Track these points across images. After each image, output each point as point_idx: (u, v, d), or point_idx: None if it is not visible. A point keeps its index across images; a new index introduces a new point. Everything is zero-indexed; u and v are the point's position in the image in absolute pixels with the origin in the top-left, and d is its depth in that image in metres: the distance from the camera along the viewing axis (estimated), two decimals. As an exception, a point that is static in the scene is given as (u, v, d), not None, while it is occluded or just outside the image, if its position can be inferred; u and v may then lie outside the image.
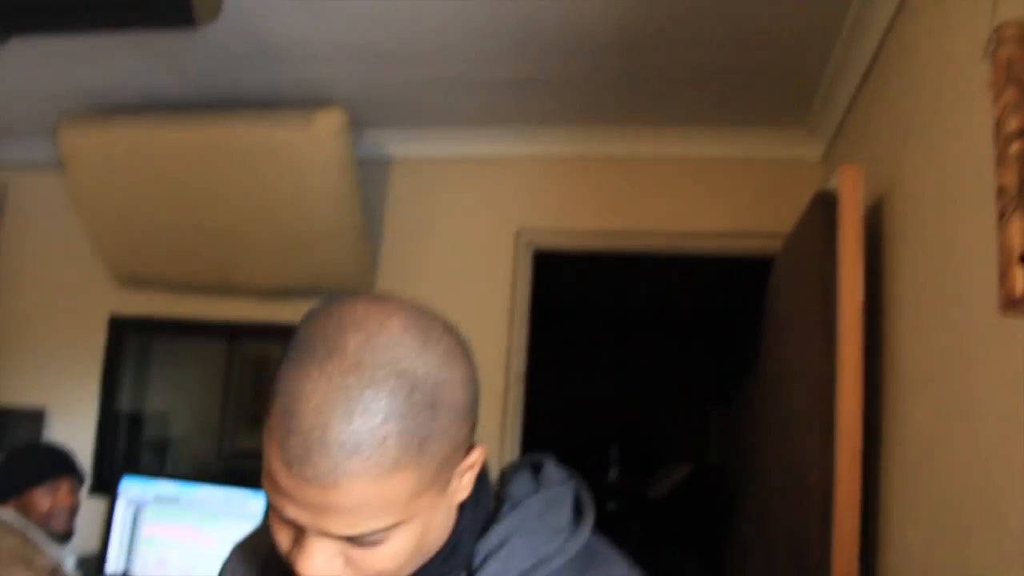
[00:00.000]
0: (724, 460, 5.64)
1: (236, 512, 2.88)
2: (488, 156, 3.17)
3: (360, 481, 0.71)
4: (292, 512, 0.74)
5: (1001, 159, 1.14)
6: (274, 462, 0.73)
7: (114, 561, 2.95)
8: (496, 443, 3.01)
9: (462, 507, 0.86)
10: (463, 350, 0.81)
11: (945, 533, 1.53)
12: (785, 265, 2.44)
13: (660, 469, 6.23)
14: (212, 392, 3.54)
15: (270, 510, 0.79)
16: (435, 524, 0.81)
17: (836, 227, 1.91)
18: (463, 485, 0.84)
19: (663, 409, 6.89)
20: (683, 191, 3.05)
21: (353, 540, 0.75)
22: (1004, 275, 1.12)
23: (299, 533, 0.77)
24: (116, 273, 3.38)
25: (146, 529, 2.96)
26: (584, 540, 0.87)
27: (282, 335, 3.31)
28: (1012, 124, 1.13)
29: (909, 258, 1.82)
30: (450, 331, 0.80)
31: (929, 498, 1.62)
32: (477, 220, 3.17)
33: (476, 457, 0.83)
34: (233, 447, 3.53)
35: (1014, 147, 1.12)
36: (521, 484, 0.92)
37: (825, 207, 1.96)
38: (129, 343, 3.53)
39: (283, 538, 0.78)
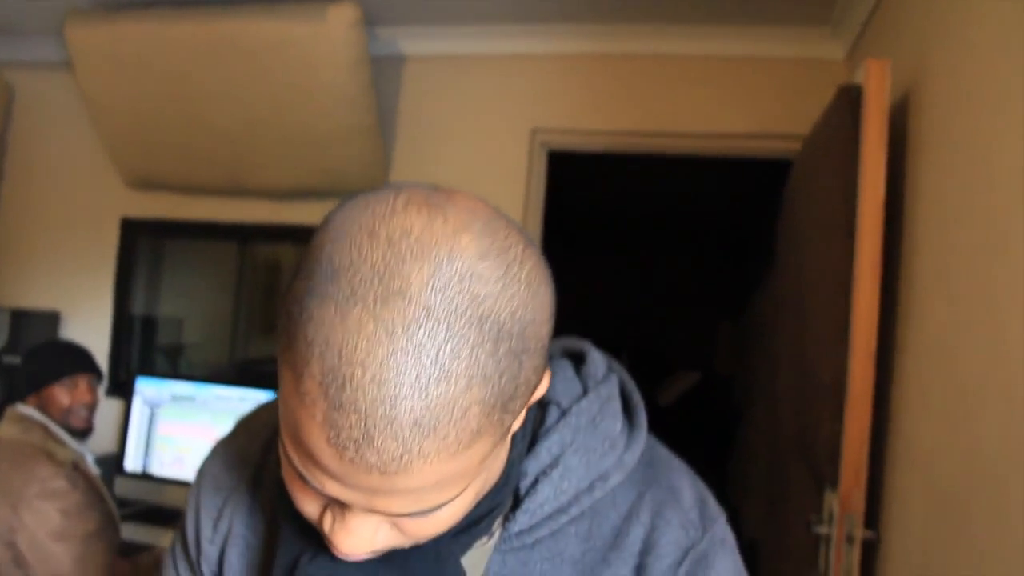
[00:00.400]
0: (731, 372, 5.68)
1: (252, 411, 2.92)
2: (503, 54, 3.10)
3: (435, 462, 0.56)
4: (335, 491, 0.58)
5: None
6: (313, 436, 0.56)
7: (132, 459, 3.01)
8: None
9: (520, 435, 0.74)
10: (544, 266, 0.62)
11: (957, 425, 1.54)
12: (805, 164, 2.40)
13: (668, 377, 6.29)
14: (224, 297, 3.56)
15: (292, 471, 0.62)
16: (495, 470, 0.69)
17: (860, 121, 1.87)
18: (523, 415, 0.70)
19: (673, 319, 6.92)
20: (701, 91, 2.98)
21: (411, 515, 0.61)
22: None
23: (338, 504, 0.62)
24: (127, 175, 3.36)
25: (162, 428, 3.02)
26: (641, 448, 0.77)
27: (294, 237, 3.30)
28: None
29: (934, 154, 1.79)
30: (527, 242, 0.62)
31: (943, 394, 1.63)
32: (492, 119, 3.12)
33: (542, 388, 0.68)
34: (245, 354, 3.56)
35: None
36: (566, 384, 0.79)
37: (850, 101, 1.91)
38: (141, 246, 3.53)
39: (311, 505, 0.64)
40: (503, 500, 0.73)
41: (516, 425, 0.68)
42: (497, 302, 0.56)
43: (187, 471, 2.94)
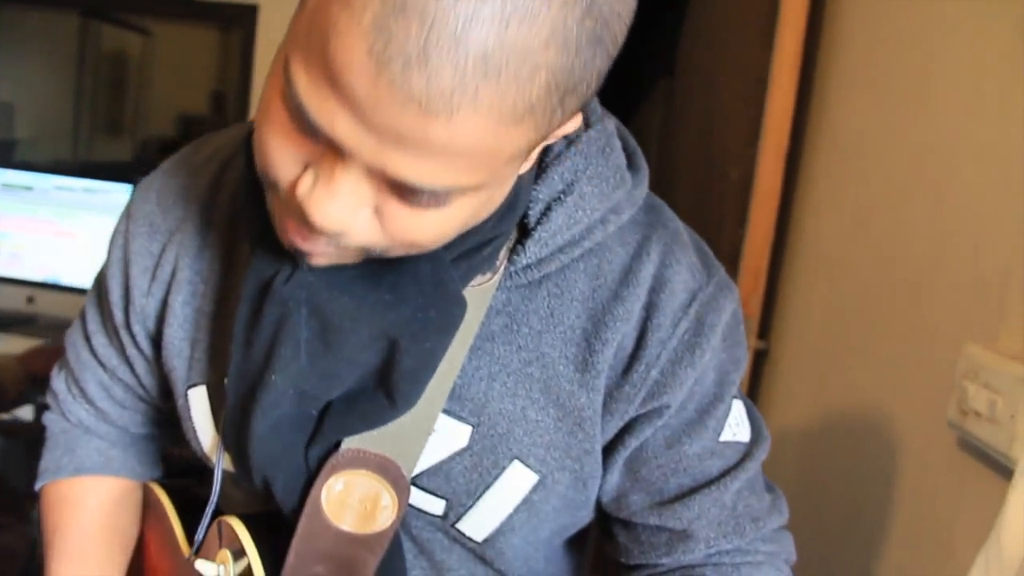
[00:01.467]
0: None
1: (100, 205, 2.62)
2: None
3: (481, 117, 0.46)
4: (344, 130, 0.48)
5: None
6: (348, 43, 0.45)
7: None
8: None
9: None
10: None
11: (870, 230, 1.49)
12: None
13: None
14: (64, 88, 3.15)
15: (282, 109, 0.51)
16: (500, 194, 0.59)
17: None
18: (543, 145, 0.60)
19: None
20: None
21: (405, 191, 0.51)
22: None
23: (327, 160, 0.51)
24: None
25: (-6, 222, 2.68)
26: (646, 186, 0.72)
27: (144, 7, 2.89)
28: None
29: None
30: None
31: (854, 197, 1.57)
32: None
33: (577, 120, 0.59)
34: (89, 156, 3.20)
35: None
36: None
37: None
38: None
39: (290, 161, 0.53)
40: (506, 229, 0.66)
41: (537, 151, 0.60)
42: (593, 25, 0.48)
43: (25, 270, 2.65)
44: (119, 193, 2.61)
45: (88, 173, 2.67)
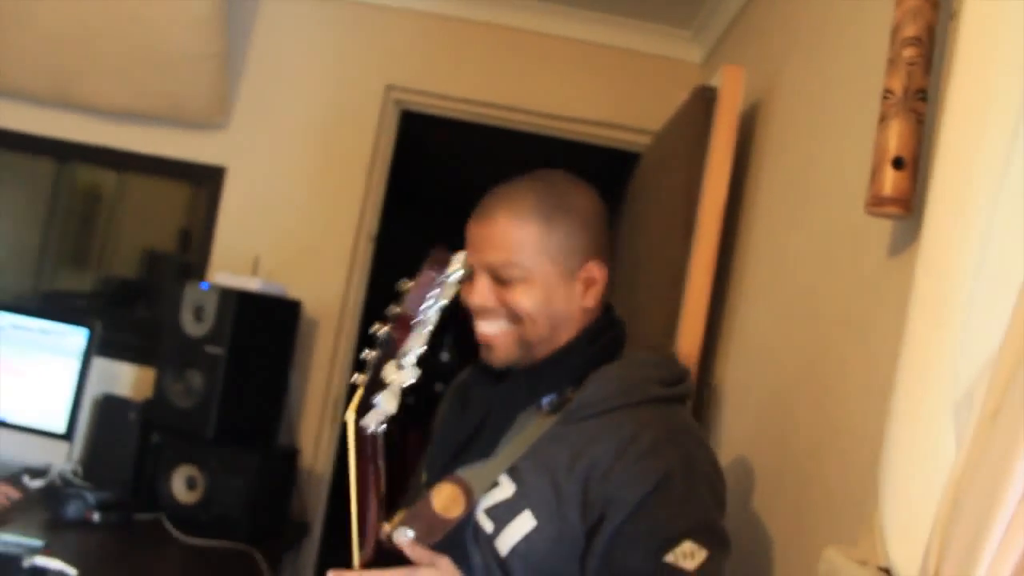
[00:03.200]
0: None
1: (55, 346, 2.70)
2: (367, 1, 2.99)
3: (503, 219, 1.18)
4: (468, 255, 1.19)
5: (892, 63, 1.16)
6: (469, 227, 1.22)
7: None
8: (340, 298, 2.98)
9: (591, 323, 1.25)
10: (597, 202, 1.27)
11: (766, 427, 1.63)
12: (653, 158, 2.46)
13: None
14: (33, 220, 3.26)
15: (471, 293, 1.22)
16: (557, 297, 1.20)
17: (712, 122, 1.93)
18: (587, 293, 1.22)
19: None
20: (559, 72, 3.00)
21: (497, 274, 1.18)
22: (875, 175, 1.15)
23: (471, 280, 1.20)
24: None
25: (-52, 356, 2.74)
26: (666, 394, 1.22)
27: (120, 164, 3.07)
28: (909, 30, 1.15)
29: (775, 162, 1.87)
30: (589, 192, 1.27)
31: (758, 398, 1.71)
32: (348, 67, 3.01)
33: (595, 269, 1.23)
34: (51, 286, 3.28)
35: (907, 52, 1.14)
36: (642, 352, 1.30)
37: (704, 102, 1.98)
38: (-60, 151, 3.18)
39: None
40: (562, 373, 1.22)
41: (583, 299, 1.23)
42: (558, 182, 1.25)
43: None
44: (73, 336, 2.69)
45: (46, 314, 2.75)
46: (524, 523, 1.16)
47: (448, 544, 1.17)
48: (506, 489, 1.18)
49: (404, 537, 1.15)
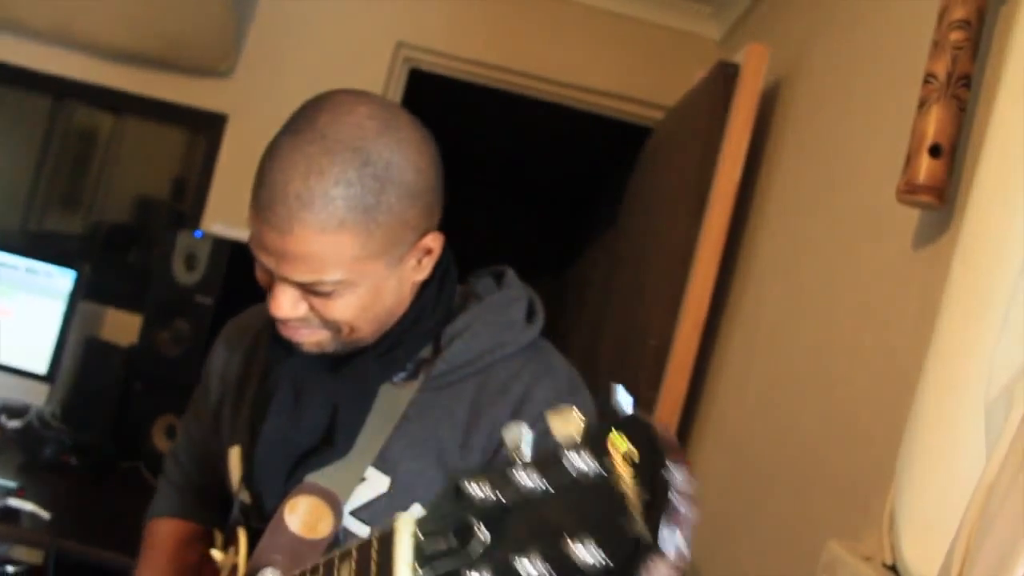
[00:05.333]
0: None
1: (41, 287, 2.63)
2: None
3: (310, 231, 0.85)
4: (262, 257, 0.89)
5: (937, 46, 1.11)
6: (251, 212, 0.89)
7: None
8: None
9: (424, 287, 1.02)
10: (423, 145, 0.93)
11: (768, 413, 1.59)
12: (666, 133, 2.41)
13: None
14: (27, 157, 3.18)
15: (257, 268, 0.93)
16: (386, 292, 0.95)
17: (731, 100, 1.88)
18: (420, 266, 0.98)
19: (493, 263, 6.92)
20: (574, 40, 2.93)
21: (308, 289, 0.90)
22: (911, 161, 1.11)
23: (274, 282, 0.92)
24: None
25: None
26: (534, 335, 1.04)
27: (117, 105, 2.99)
28: (958, 12, 1.10)
29: (796, 144, 1.82)
30: (415, 127, 0.93)
31: (759, 383, 1.68)
32: (359, 20, 2.93)
33: (430, 241, 0.96)
34: (40, 226, 3.21)
35: (954, 36, 1.09)
36: (485, 285, 1.08)
37: (725, 78, 1.92)
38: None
39: (268, 293, 0.93)
40: (414, 341, 1.01)
41: (417, 273, 0.98)
42: (370, 143, 0.87)
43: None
44: (61, 278, 2.63)
45: (34, 254, 2.69)
46: None
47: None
48: (377, 484, 1.00)
49: None
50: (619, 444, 0.51)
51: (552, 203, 6.66)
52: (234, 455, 1.12)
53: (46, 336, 2.58)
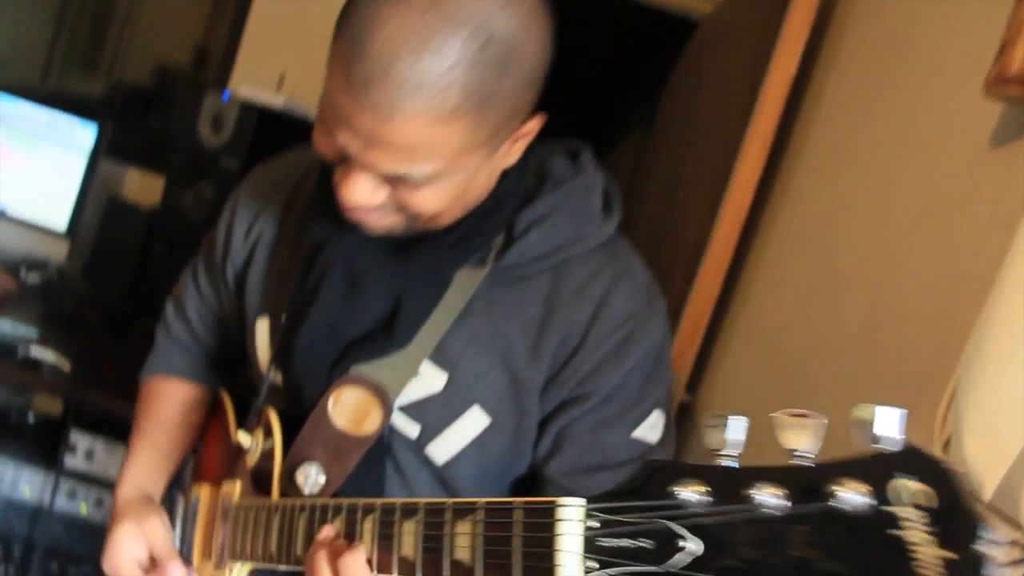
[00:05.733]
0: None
1: (61, 140, 2.58)
2: None
3: (415, 120, 0.72)
4: (344, 138, 0.76)
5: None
6: (336, 82, 0.75)
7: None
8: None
9: (505, 173, 0.90)
10: (546, 18, 0.80)
11: (808, 314, 1.56)
12: (717, 26, 2.31)
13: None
14: (45, 14, 3.08)
15: (321, 137, 0.81)
16: (477, 182, 0.86)
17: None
18: (513, 151, 0.87)
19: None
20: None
21: (393, 179, 0.78)
22: (1004, 50, 1.04)
23: (347, 164, 0.80)
24: None
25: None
26: (614, 228, 0.95)
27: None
28: None
29: (858, 36, 1.74)
30: (540, 29, 0.79)
31: (798, 279, 1.64)
32: None
33: (533, 126, 0.86)
34: (59, 84, 3.14)
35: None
36: (562, 166, 0.95)
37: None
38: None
39: (330, 154, 0.81)
40: (492, 229, 0.90)
41: (509, 158, 0.87)
42: (494, 18, 0.73)
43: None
44: (81, 131, 2.57)
45: (56, 104, 2.62)
46: (473, 423, 0.91)
47: (360, 465, 0.90)
48: (432, 380, 0.91)
49: (314, 481, 0.88)
50: (906, 480, 0.41)
51: (583, 95, 6.52)
52: (262, 328, 1.03)
53: (66, 192, 2.53)
